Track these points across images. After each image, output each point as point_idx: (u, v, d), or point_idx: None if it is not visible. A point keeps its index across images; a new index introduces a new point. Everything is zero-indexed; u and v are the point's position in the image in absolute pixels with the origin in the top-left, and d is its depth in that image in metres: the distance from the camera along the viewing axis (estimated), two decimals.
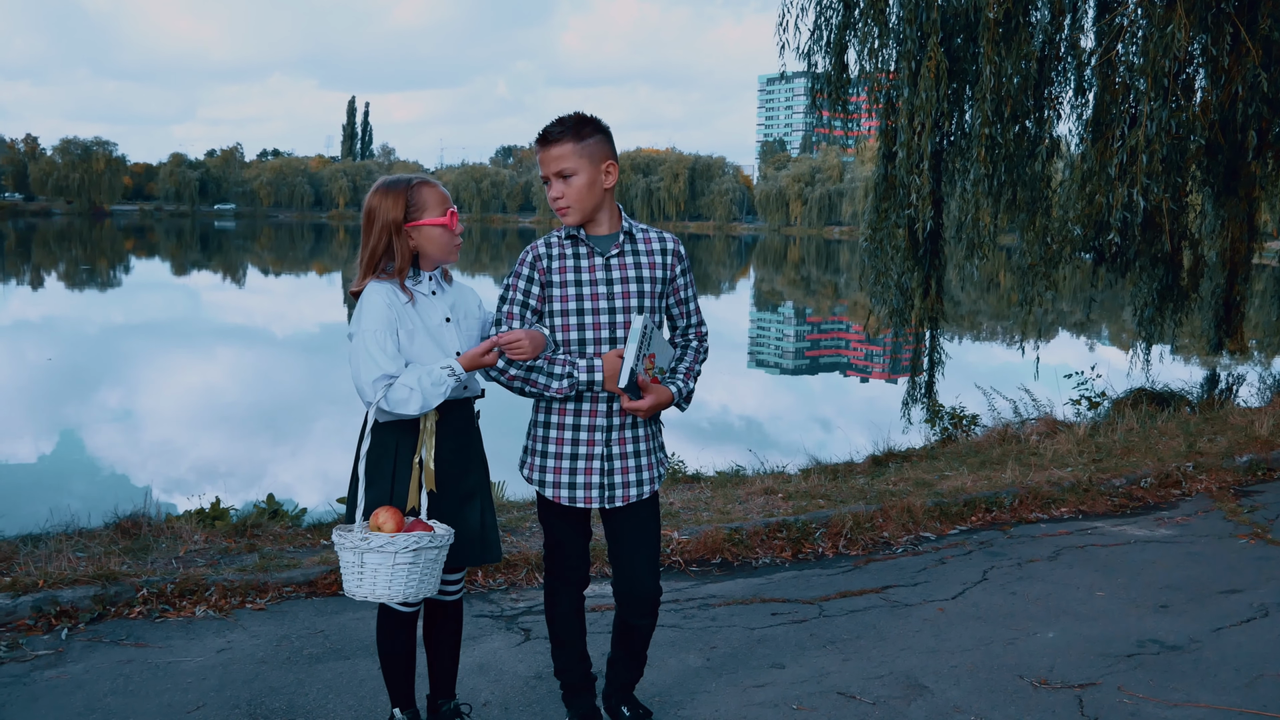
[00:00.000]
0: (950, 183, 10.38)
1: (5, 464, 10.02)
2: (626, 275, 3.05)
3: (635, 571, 3.14)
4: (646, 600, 3.16)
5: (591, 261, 3.04)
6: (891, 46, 9.96)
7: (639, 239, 3.10)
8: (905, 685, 3.72)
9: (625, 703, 3.34)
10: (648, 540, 3.15)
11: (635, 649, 3.28)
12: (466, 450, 3.04)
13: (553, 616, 3.26)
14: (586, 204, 2.99)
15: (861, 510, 5.70)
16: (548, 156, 2.97)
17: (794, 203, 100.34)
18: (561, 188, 2.97)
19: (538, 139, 3.00)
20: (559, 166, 2.96)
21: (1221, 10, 8.59)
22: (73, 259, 47.50)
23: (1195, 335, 12.68)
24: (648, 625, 3.21)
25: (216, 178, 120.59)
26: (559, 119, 2.99)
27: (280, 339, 21.70)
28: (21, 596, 4.14)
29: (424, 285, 3.01)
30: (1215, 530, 5.78)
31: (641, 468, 3.10)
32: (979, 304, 27.67)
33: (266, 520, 5.80)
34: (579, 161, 2.96)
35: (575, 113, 3.00)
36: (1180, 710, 3.53)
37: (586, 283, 3.03)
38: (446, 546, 2.84)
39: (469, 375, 2.95)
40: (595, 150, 2.98)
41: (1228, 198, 10.64)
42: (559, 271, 3.05)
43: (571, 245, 3.06)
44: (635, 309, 3.03)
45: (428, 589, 2.83)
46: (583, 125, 2.97)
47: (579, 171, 2.96)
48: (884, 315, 10.84)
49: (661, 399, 3.03)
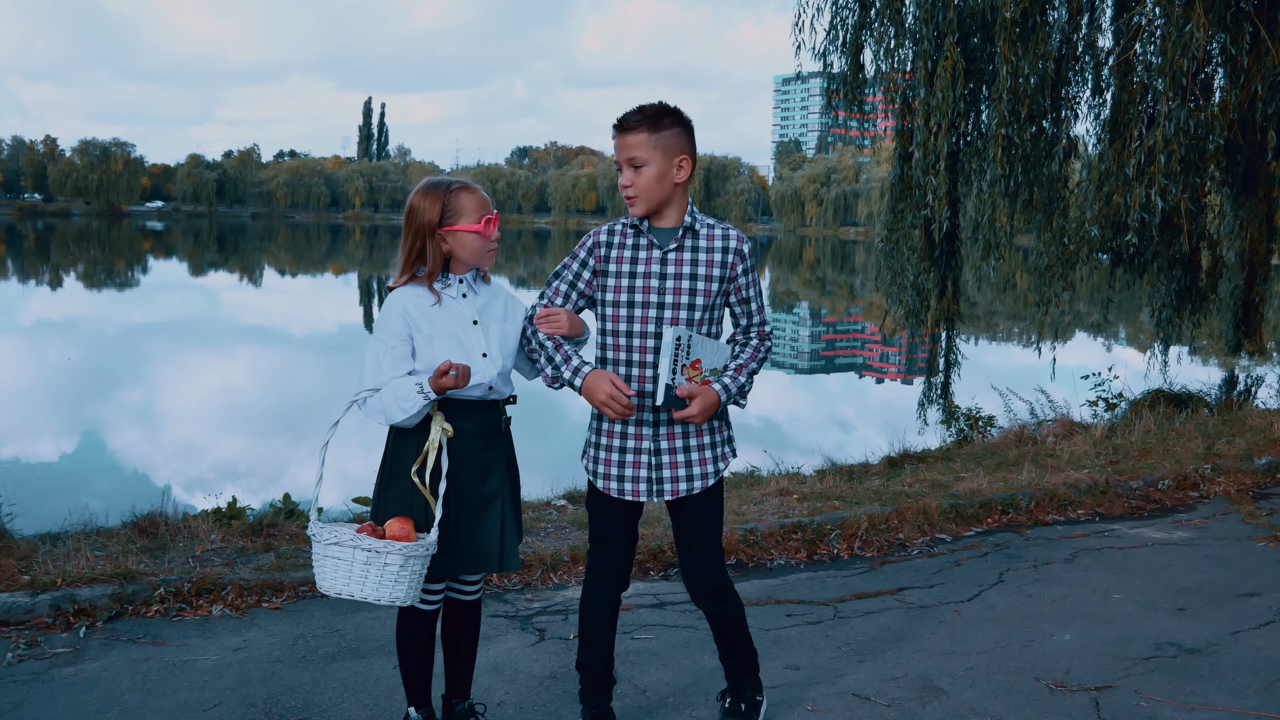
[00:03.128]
0: (967, 183, 10.35)
1: (25, 463, 10.09)
2: (681, 271, 3.00)
3: (692, 559, 3.16)
4: (704, 587, 3.16)
5: (649, 254, 3.01)
6: (908, 46, 9.94)
7: (702, 235, 3.03)
8: (921, 687, 3.70)
9: (731, 694, 3.33)
10: (704, 531, 3.14)
11: (725, 637, 3.25)
12: (489, 454, 3.01)
13: (584, 610, 3.25)
14: (654, 196, 2.96)
15: (877, 512, 5.68)
16: (621, 143, 2.95)
17: (809, 203, 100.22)
18: (631, 176, 2.95)
19: (615, 125, 2.97)
20: (630, 155, 2.93)
21: (1240, 9, 8.54)
22: (91, 259, 47.83)
23: (1213, 336, 12.60)
24: (719, 612, 3.20)
25: (234, 178, 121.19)
26: (640, 107, 2.97)
27: (299, 339, 21.79)
28: (40, 595, 4.17)
29: (453, 288, 2.99)
30: (1233, 533, 5.74)
31: (692, 463, 3.07)
32: (995, 305, 27.56)
33: (283, 520, 5.83)
34: (651, 152, 2.93)
35: (659, 102, 2.97)
36: (1198, 713, 3.51)
37: (640, 275, 3.01)
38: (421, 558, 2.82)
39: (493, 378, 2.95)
40: (670, 143, 2.95)
41: (1247, 198, 10.57)
42: (615, 261, 3.04)
43: (633, 235, 3.04)
44: (686, 305, 2.99)
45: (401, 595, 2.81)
46: (661, 116, 2.95)
47: (650, 162, 2.93)
48: (900, 316, 10.81)
49: (708, 402, 2.95)
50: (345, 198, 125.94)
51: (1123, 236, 9.15)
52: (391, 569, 2.78)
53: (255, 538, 5.36)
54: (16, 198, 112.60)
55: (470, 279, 3.03)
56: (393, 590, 2.80)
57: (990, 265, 10.01)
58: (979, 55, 9.80)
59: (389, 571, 2.78)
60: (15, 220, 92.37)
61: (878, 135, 13.45)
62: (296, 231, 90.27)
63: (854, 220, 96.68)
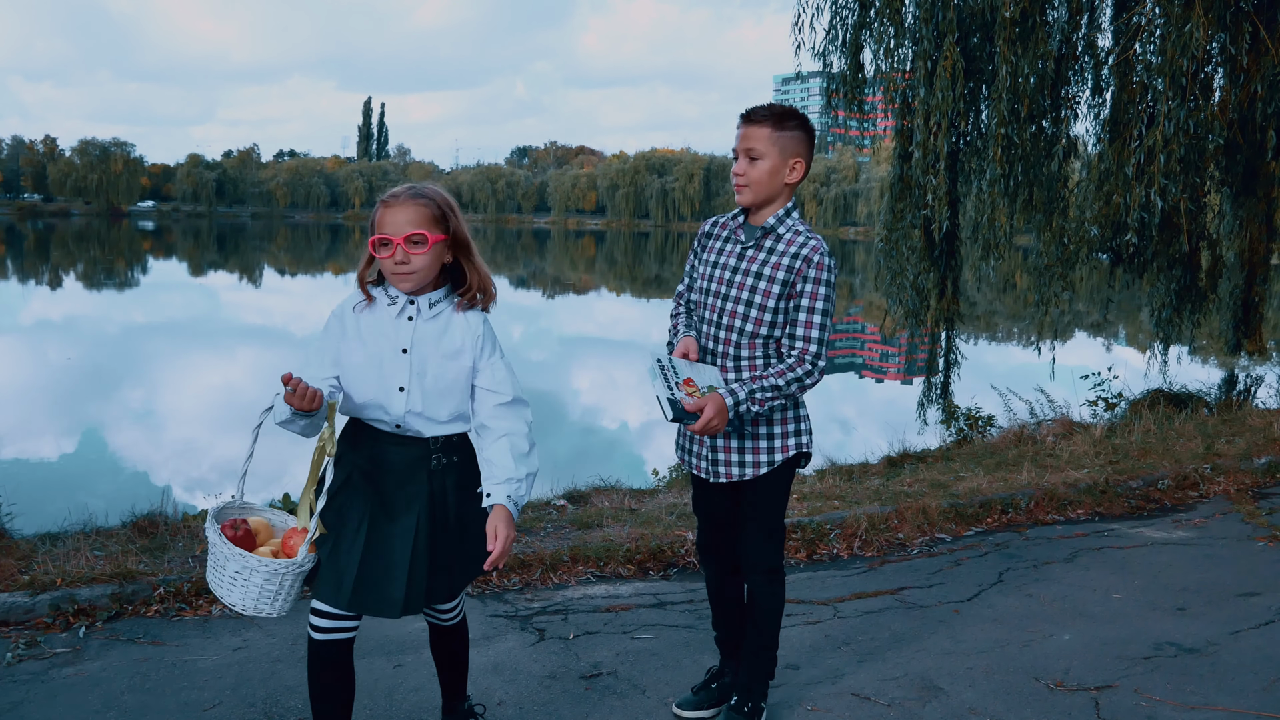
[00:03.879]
0: (966, 183, 10.35)
1: (25, 463, 10.09)
2: (750, 269, 3.07)
3: (747, 537, 3.23)
4: (759, 565, 3.23)
5: (734, 247, 3.13)
6: (907, 46, 9.95)
7: (784, 238, 3.06)
8: (920, 687, 3.71)
9: (738, 692, 3.33)
10: (761, 513, 3.20)
11: (758, 626, 3.28)
12: (406, 491, 2.74)
13: (704, 581, 3.48)
14: (762, 190, 3.03)
15: (877, 511, 5.69)
16: (745, 134, 3.02)
17: (809, 203, 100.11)
18: (745, 166, 3.03)
19: (742, 115, 3.05)
20: (749, 145, 3.01)
21: (1240, 9, 8.55)
22: (91, 259, 47.82)
23: (1213, 336, 12.59)
24: (761, 593, 3.24)
25: (233, 178, 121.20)
26: (770, 104, 3.05)
27: (299, 339, 21.76)
28: (40, 595, 4.17)
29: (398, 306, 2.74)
30: (1233, 533, 5.74)
31: (745, 449, 3.13)
32: (995, 305, 27.56)
33: None
34: (769, 148, 3.00)
35: (788, 105, 3.06)
36: (1197, 713, 3.51)
37: (720, 265, 3.14)
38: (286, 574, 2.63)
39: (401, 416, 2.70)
40: (789, 144, 3.01)
41: (1246, 198, 10.57)
42: (709, 250, 3.21)
43: (731, 227, 3.17)
44: (745, 301, 3.05)
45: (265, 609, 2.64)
46: (787, 117, 3.02)
47: (766, 157, 3.00)
48: (900, 316, 10.82)
49: (717, 407, 2.92)
50: (345, 198, 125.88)
51: (1122, 236, 9.15)
52: (255, 581, 2.61)
53: None
54: (16, 198, 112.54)
55: (428, 301, 2.74)
56: (256, 603, 2.63)
57: (990, 265, 10.01)
58: (978, 55, 9.80)
59: (253, 583, 2.61)
60: (15, 220, 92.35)
61: (877, 135, 13.45)
62: (296, 231, 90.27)
63: (854, 220, 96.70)
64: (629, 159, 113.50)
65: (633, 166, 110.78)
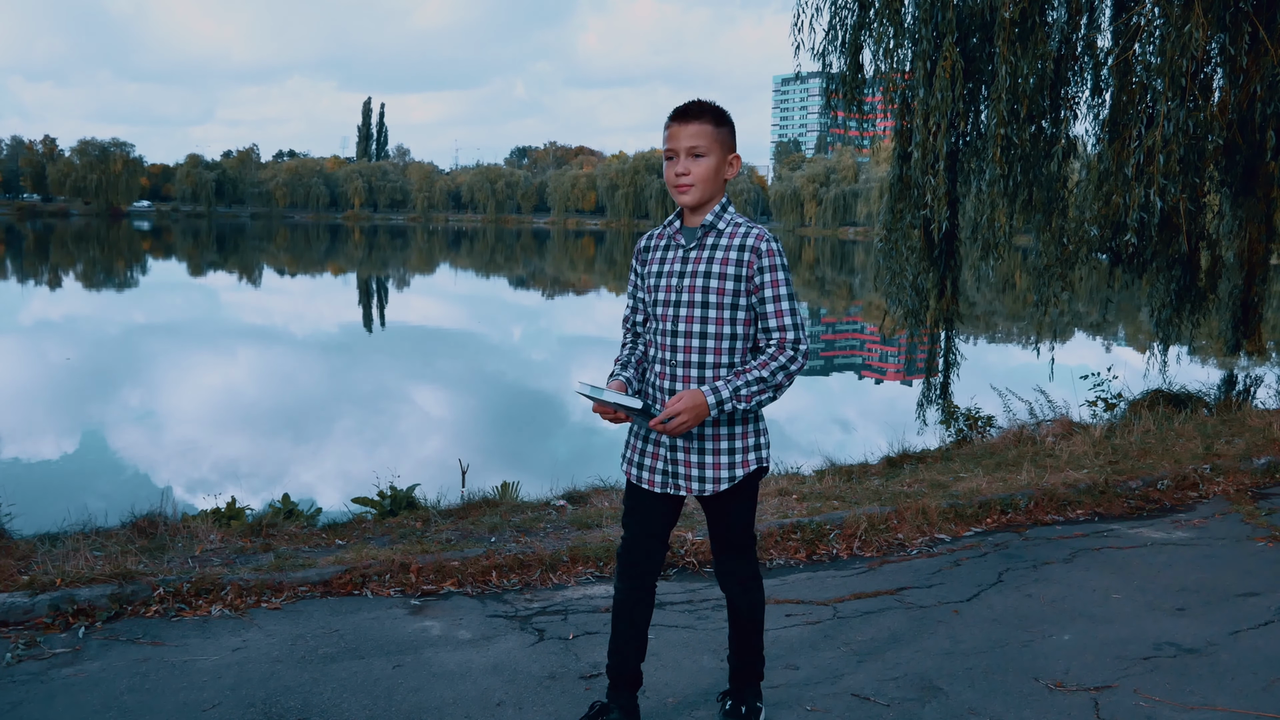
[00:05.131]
0: (966, 183, 10.36)
1: (25, 463, 10.09)
2: (698, 270, 3.00)
3: (721, 548, 3.19)
4: (734, 574, 3.19)
5: (675, 254, 3.07)
6: (907, 46, 9.95)
7: (725, 232, 3.00)
8: (920, 687, 3.71)
9: (732, 696, 3.33)
10: (732, 524, 3.14)
11: (740, 630, 3.24)
12: None
13: (614, 600, 3.27)
14: (708, 188, 2.99)
15: (876, 512, 5.69)
16: (684, 131, 2.95)
17: (809, 203, 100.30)
18: (689, 164, 2.96)
19: (675, 114, 2.98)
20: (694, 143, 2.95)
21: (1240, 9, 8.55)
22: (91, 259, 47.82)
23: (1213, 336, 12.60)
24: (741, 602, 3.20)
25: (233, 179, 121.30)
26: (697, 100, 3.00)
27: (299, 339, 21.78)
28: (39, 595, 4.17)
29: None
30: (1232, 533, 5.74)
31: (705, 465, 3.03)
32: (994, 305, 27.58)
33: (282, 520, 5.83)
34: (712, 144, 2.96)
35: (711, 101, 3.02)
36: (1197, 714, 3.51)
37: (665, 273, 3.06)
38: None
39: None
40: (727, 139, 3.00)
41: (1246, 198, 10.57)
42: (651, 263, 3.13)
43: (668, 236, 3.12)
44: (700, 303, 2.98)
45: None
46: (721, 113, 2.99)
47: (710, 154, 2.96)
48: (899, 316, 10.82)
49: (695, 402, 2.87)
50: (344, 198, 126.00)
51: (1122, 236, 9.15)
52: None
53: (254, 538, 5.37)
54: (15, 198, 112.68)
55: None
56: None
57: (989, 265, 10.01)
58: (978, 55, 9.81)
59: None
60: (14, 220, 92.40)
61: (877, 135, 13.45)
62: (296, 231, 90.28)
63: (853, 220, 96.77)
64: (629, 159, 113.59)
65: (632, 166, 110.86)
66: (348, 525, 5.91)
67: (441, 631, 4.15)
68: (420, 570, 4.69)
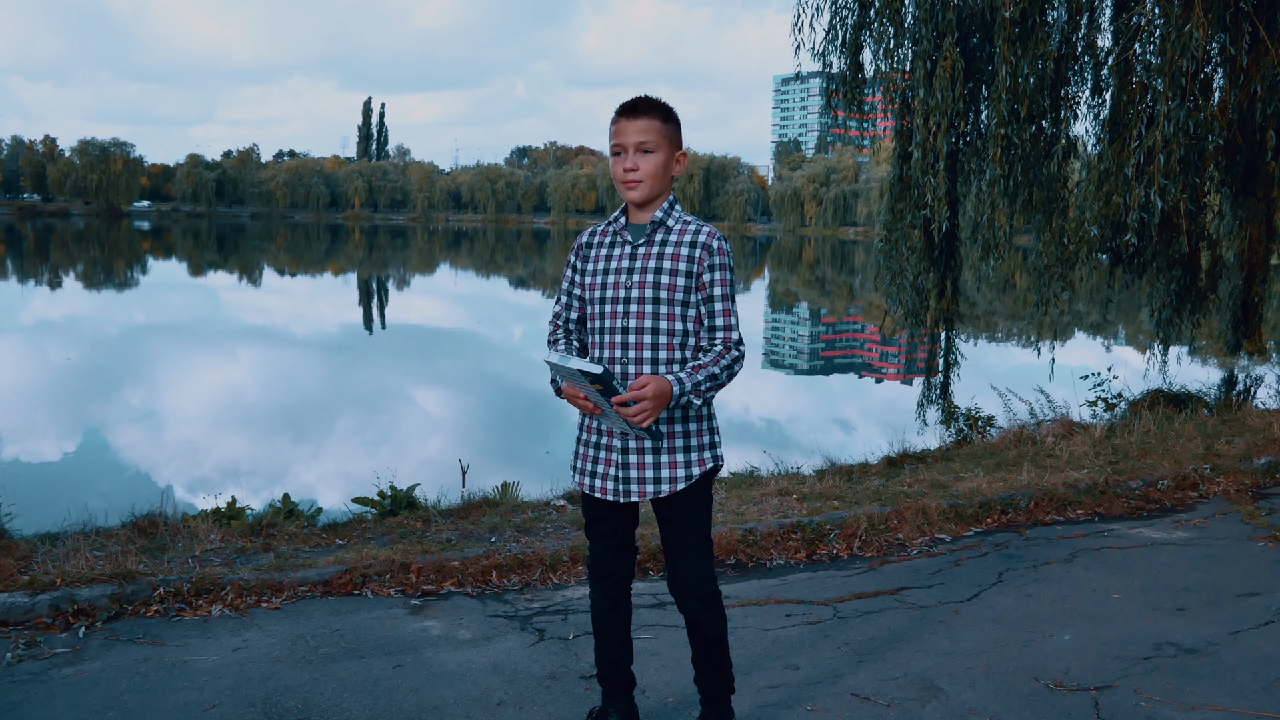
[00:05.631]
0: (966, 183, 10.36)
1: (25, 463, 10.09)
2: (648, 265, 2.96)
3: (679, 563, 3.07)
4: (693, 591, 3.07)
5: (623, 250, 3.01)
6: (907, 46, 9.96)
7: (675, 229, 2.97)
8: (920, 687, 3.71)
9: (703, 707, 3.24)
10: (689, 535, 3.05)
11: (704, 650, 3.15)
12: None
13: (591, 610, 3.23)
14: (657, 184, 2.96)
15: (876, 512, 5.69)
16: (632, 127, 2.92)
17: (809, 203, 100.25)
18: (638, 159, 2.92)
19: (623, 109, 2.95)
20: (642, 139, 2.92)
21: (1240, 9, 8.55)
22: (91, 259, 47.83)
23: (1213, 336, 12.60)
24: (705, 620, 3.10)
25: (233, 179, 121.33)
26: (645, 95, 2.98)
27: (299, 339, 21.78)
28: (39, 595, 4.17)
29: None
30: (1233, 533, 5.74)
31: (661, 465, 2.98)
32: (995, 305, 27.58)
33: (282, 520, 5.83)
34: (660, 140, 2.93)
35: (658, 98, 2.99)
36: (1197, 714, 3.51)
37: (613, 270, 3.00)
38: None
39: None
40: (675, 136, 2.97)
41: (1246, 198, 10.58)
42: (593, 260, 3.05)
43: (613, 234, 3.05)
44: (650, 299, 2.94)
45: None
46: (668, 109, 2.97)
47: (658, 150, 2.93)
48: (899, 316, 10.83)
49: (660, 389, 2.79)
50: (345, 198, 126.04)
51: (1122, 236, 9.15)
52: None
53: (255, 538, 5.37)
54: (15, 198, 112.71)
55: None
56: None
57: (990, 265, 10.02)
58: (978, 55, 9.81)
59: None
60: (14, 220, 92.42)
61: (877, 135, 13.47)
62: (296, 231, 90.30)
63: (853, 220, 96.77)
64: None
65: None
66: (348, 525, 5.91)
67: (442, 631, 4.15)
68: (420, 570, 4.70)
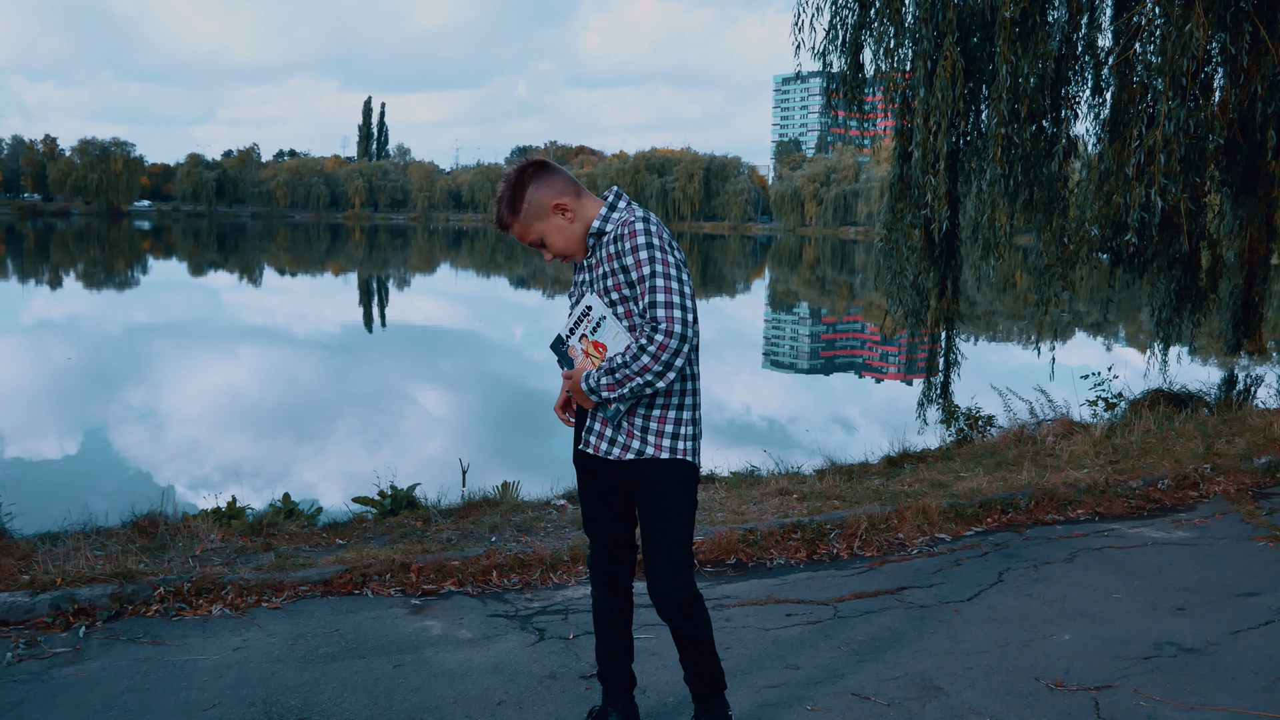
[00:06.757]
0: (966, 183, 10.36)
1: (25, 463, 10.09)
2: (597, 274, 2.98)
3: (657, 573, 3.04)
4: (673, 598, 3.03)
5: (583, 266, 3.07)
6: (907, 46, 9.95)
7: (610, 232, 2.96)
8: (920, 687, 3.71)
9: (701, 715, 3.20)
10: (655, 535, 3.02)
11: (691, 655, 3.13)
12: None
13: (592, 608, 3.25)
14: (572, 245, 3.01)
15: (877, 511, 5.69)
16: (512, 235, 3.01)
17: (809, 203, 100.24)
18: (545, 251, 3.03)
19: (497, 224, 3.04)
20: (525, 239, 3.01)
21: (1240, 9, 8.55)
22: (91, 259, 47.83)
23: (1213, 336, 12.61)
24: (688, 628, 3.07)
25: (233, 178, 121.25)
26: (498, 196, 3.01)
27: (300, 339, 21.78)
28: (40, 594, 4.17)
29: None
30: (1233, 532, 5.74)
31: (619, 429, 2.97)
32: (995, 304, 27.57)
33: (282, 520, 5.83)
34: (533, 227, 2.98)
35: (508, 177, 2.99)
36: (1198, 713, 3.51)
37: (579, 284, 3.07)
38: None
39: None
40: (538, 208, 2.96)
41: (1246, 198, 10.58)
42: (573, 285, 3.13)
43: None
44: (611, 302, 2.93)
45: None
46: (515, 197, 2.96)
47: (543, 233, 2.99)
48: (900, 315, 10.83)
49: (574, 383, 2.96)
50: (345, 197, 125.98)
51: (1122, 236, 9.15)
52: None
53: (255, 537, 5.37)
54: (16, 197, 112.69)
55: None
56: None
57: (990, 265, 10.01)
58: (978, 55, 9.81)
59: None
60: (15, 220, 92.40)
61: (877, 135, 13.48)
62: (296, 231, 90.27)
63: (854, 220, 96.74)
64: (629, 159, 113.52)
65: (633, 166, 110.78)
66: (348, 525, 5.91)
67: (442, 631, 4.15)
68: (421, 570, 4.70)
